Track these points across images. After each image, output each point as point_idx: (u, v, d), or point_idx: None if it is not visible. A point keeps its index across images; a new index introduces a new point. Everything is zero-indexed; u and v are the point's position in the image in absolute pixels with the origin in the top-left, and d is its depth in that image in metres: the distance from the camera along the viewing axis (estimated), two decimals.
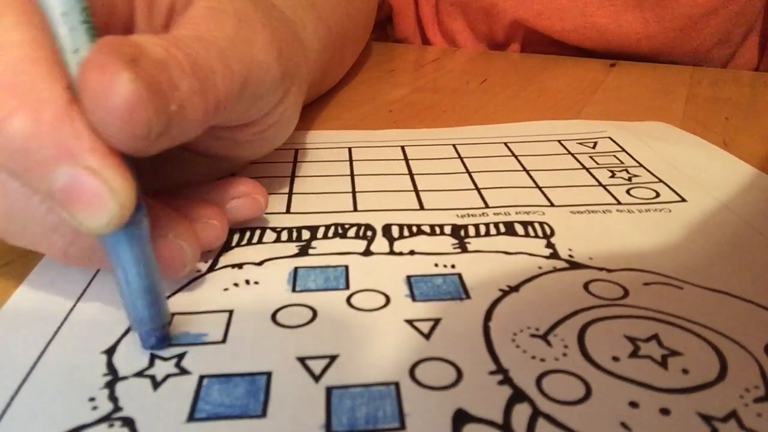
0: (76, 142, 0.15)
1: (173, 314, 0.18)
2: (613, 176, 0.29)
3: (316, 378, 0.16)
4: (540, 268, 0.21)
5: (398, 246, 0.22)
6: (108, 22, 0.19)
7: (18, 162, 0.15)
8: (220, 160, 0.25)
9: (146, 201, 0.17)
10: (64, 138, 0.15)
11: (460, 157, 0.31)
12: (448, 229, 0.23)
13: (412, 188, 0.27)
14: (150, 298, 0.17)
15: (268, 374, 0.16)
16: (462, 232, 0.23)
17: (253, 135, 0.23)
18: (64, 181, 0.15)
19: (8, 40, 0.15)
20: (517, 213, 0.25)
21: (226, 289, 0.20)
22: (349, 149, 0.32)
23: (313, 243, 0.22)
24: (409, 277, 0.20)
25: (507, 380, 0.16)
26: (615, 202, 0.26)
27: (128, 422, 0.14)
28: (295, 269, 0.21)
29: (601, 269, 0.21)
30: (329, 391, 0.15)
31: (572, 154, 0.31)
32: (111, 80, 0.14)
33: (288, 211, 0.25)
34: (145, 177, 0.17)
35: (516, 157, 0.31)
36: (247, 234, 0.23)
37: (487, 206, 0.25)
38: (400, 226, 0.24)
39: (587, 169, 0.29)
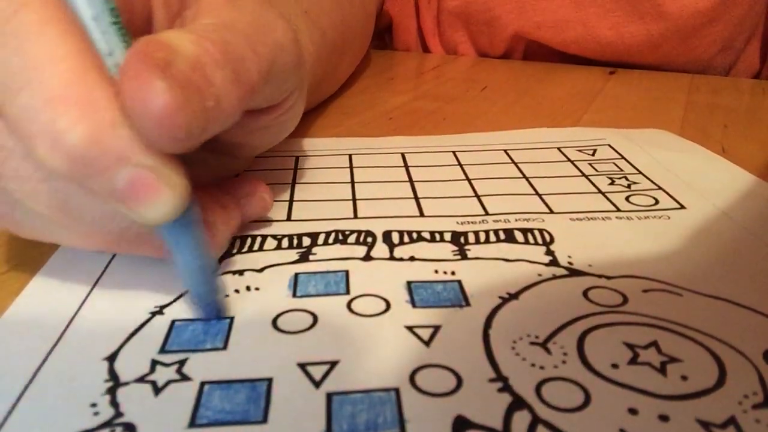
0: (133, 144, 0.15)
1: (178, 320, 0.18)
2: (612, 183, 0.29)
3: (317, 384, 0.16)
4: (539, 275, 0.21)
5: (398, 252, 0.22)
6: (129, 19, 0.19)
7: (80, 170, 0.15)
8: (226, 157, 0.25)
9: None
10: (122, 142, 0.15)
11: (460, 164, 0.31)
12: (448, 236, 0.23)
13: (412, 195, 0.27)
14: (206, 275, 0.18)
15: (269, 380, 0.16)
16: (462, 239, 0.23)
17: (273, 120, 0.23)
18: (126, 182, 0.15)
19: (56, 53, 0.15)
20: (516, 220, 0.25)
21: (227, 296, 0.20)
22: (350, 156, 0.32)
23: (314, 249, 0.23)
24: (409, 283, 0.20)
25: (507, 387, 0.16)
26: (614, 209, 0.26)
27: (129, 428, 0.14)
28: (296, 275, 0.21)
29: (600, 276, 0.21)
30: (330, 397, 0.15)
31: (572, 162, 0.31)
32: (146, 89, 0.15)
33: (289, 219, 0.25)
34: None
35: (516, 164, 0.31)
36: (248, 241, 0.23)
37: (486, 213, 0.25)
38: (401, 233, 0.24)
39: (586, 177, 0.30)
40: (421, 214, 0.25)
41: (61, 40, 0.15)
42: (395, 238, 0.23)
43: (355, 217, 0.25)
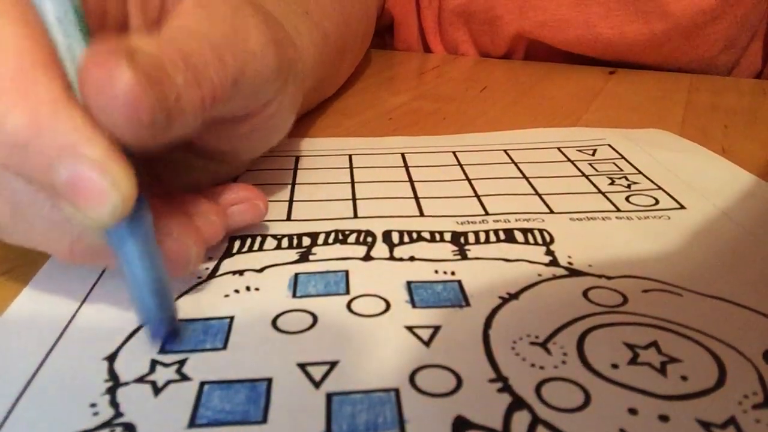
0: (76, 136, 0.15)
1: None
2: (612, 183, 0.29)
3: (317, 384, 0.16)
4: (539, 275, 0.21)
5: (398, 252, 0.22)
6: (102, 23, 0.19)
7: (20, 157, 0.15)
8: (220, 162, 0.25)
9: (148, 199, 0.17)
10: (63, 132, 0.15)
11: (459, 164, 0.31)
12: (448, 236, 0.23)
13: (412, 195, 0.27)
14: (156, 292, 0.17)
15: (269, 380, 0.16)
16: (462, 239, 0.23)
17: (252, 128, 0.23)
18: (67, 175, 0.15)
19: (6, 43, 0.16)
20: (516, 220, 0.25)
21: (227, 296, 0.20)
22: (350, 156, 0.32)
23: (314, 249, 0.23)
24: (409, 283, 0.20)
25: (506, 388, 0.16)
26: (614, 209, 0.26)
27: (129, 428, 0.14)
28: (296, 275, 0.21)
29: (600, 276, 0.21)
30: (329, 397, 0.15)
31: (572, 162, 0.31)
32: (112, 72, 0.15)
33: (289, 219, 0.25)
34: (146, 183, 0.17)
35: (516, 164, 0.31)
36: (248, 241, 0.23)
37: (486, 213, 0.25)
38: (400, 233, 0.24)
39: (586, 177, 0.30)
40: (421, 214, 0.25)
41: (11, 32, 0.16)
42: (395, 238, 0.23)
43: (355, 217, 0.25)
